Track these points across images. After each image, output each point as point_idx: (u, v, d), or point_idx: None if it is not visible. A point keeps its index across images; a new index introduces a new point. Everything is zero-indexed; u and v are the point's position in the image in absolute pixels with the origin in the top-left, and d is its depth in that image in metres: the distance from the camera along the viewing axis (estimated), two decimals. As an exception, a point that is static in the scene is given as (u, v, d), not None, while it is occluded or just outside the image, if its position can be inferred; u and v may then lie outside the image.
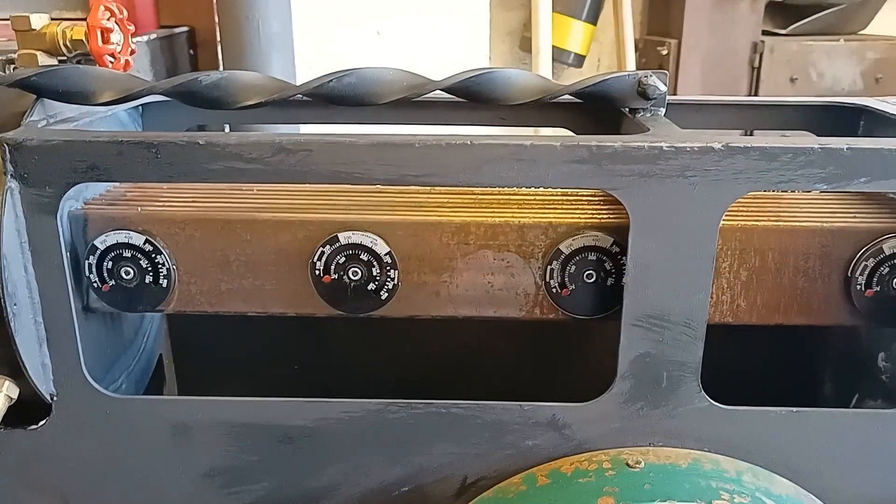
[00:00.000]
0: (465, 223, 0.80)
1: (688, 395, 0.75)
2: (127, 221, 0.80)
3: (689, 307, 0.73)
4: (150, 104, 0.99)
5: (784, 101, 1.03)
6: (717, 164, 0.69)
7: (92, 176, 0.70)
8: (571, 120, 0.98)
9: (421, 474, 0.80)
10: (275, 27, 1.74)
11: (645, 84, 0.81)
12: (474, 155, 0.69)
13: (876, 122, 0.95)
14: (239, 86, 0.77)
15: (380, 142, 0.69)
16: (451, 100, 0.85)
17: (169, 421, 0.78)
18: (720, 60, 2.83)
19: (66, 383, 0.76)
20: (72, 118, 0.82)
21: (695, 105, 1.01)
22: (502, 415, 0.77)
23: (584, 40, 3.21)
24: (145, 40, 1.78)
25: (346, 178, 0.70)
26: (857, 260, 0.79)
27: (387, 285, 0.80)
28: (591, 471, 0.74)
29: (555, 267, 0.80)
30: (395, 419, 0.77)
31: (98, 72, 0.76)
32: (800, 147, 0.69)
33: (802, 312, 0.82)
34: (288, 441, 0.78)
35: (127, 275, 0.80)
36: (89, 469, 0.80)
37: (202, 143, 0.69)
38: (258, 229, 0.80)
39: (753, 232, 0.80)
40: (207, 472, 0.80)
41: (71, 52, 0.85)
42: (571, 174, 0.70)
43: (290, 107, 0.99)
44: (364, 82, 0.78)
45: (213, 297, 0.82)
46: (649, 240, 0.71)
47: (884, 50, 2.91)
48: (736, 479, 0.73)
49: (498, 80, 0.80)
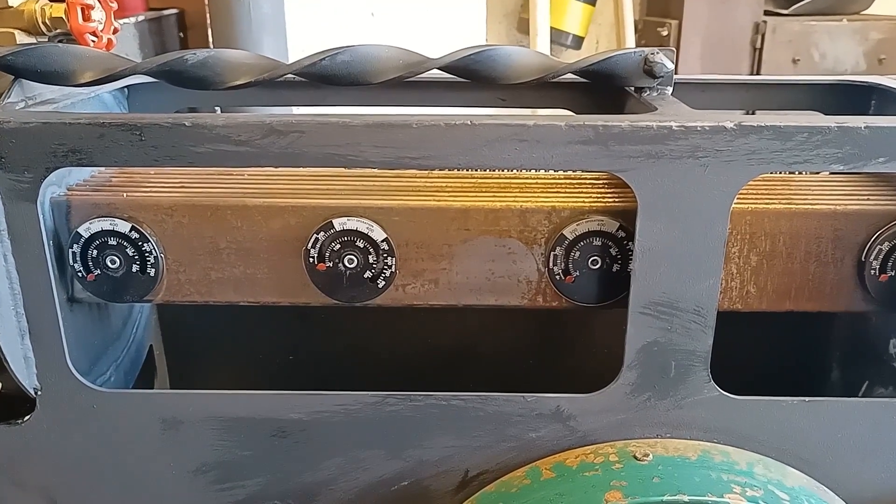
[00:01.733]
0: (464, 208, 0.77)
1: (697, 385, 0.73)
2: (112, 208, 0.77)
3: (699, 294, 0.70)
4: (136, 86, 0.95)
5: (792, 79, 1.00)
6: (730, 145, 0.66)
7: (72, 160, 0.66)
8: (573, 100, 0.94)
9: (421, 468, 0.77)
10: (266, 9, 1.70)
11: (652, 62, 0.78)
12: (475, 136, 0.66)
13: (888, 101, 0.92)
14: (227, 65, 0.73)
15: (376, 122, 0.66)
16: (448, 80, 0.82)
17: (158, 415, 0.75)
18: (721, 41, 2.78)
19: (50, 377, 0.73)
20: (52, 100, 0.78)
21: (700, 84, 0.98)
22: (505, 406, 0.75)
23: (582, 21, 3.17)
24: (133, 22, 1.74)
25: (340, 161, 0.67)
26: (871, 244, 0.76)
27: (384, 273, 0.77)
28: (597, 464, 0.72)
29: (558, 253, 0.77)
30: (394, 412, 0.75)
31: (78, 51, 0.72)
32: (816, 126, 0.66)
33: (814, 298, 0.79)
34: (282, 435, 0.76)
35: (113, 264, 0.77)
36: (76, 465, 0.77)
37: (188, 125, 0.66)
38: (249, 215, 0.77)
39: (764, 215, 0.77)
40: (199, 468, 0.77)
41: (51, 30, 0.81)
42: (576, 155, 0.67)
43: (282, 88, 0.96)
44: (358, 60, 0.74)
45: (202, 287, 0.79)
46: (657, 224, 0.68)
47: (887, 30, 2.87)
48: (747, 472, 0.71)
49: (498, 57, 0.77)
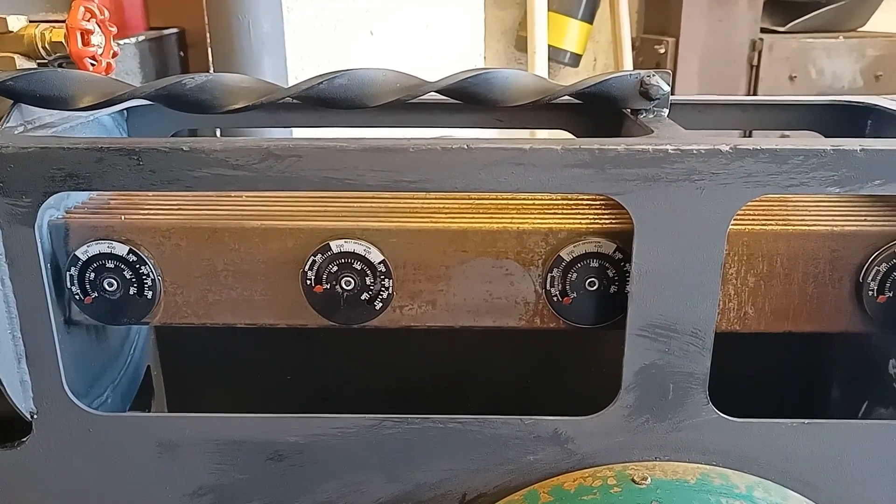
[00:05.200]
0: (461, 230, 0.77)
1: (695, 408, 0.73)
2: (110, 231, 0.77)
3: (696, 316, 0.70)
4: (135, 108, 0.96)
5: (789, 100, 1.00)
6: (725, 168, 0.66)
7: (70, 185, 0.67)
8: (571, 122, 0.95)
9: (418, 491, 0.77)
10: (266, 28, 1.71)
11: (647, 84, 0.78)
12: (471, 159, 0.66)
13: (884, 122, 0.92)
14: (225, 89, 0.73)
15: (372, 146, 0.66)
16: (446, 102, 0.82)
17: (154, 438, 0.75)
18: (718, 59, 2.80)
19: (46, 401, 0.73)
20: (51, 124, 0.79)
21: (697, 105, 0.98)
22: (502, 429, 0.74)
23: (580, 39, 3.19)
24: (133, 42, 1.74)
25: (337, 185, 0.67)
26: (868, 265, 0.76)
27: (381, 295, 0.77)
28: (595, 487, 0.72)
29: (555, 274, 0.77)
30: (391, 435, 0.74)
31: (77, 75, 0.73)
32: (811, 149, 0.66)
33: (812, 319, 0.79)
34: (279, 458, 0.75)
35: (110, 286, 0.77)
36: (72, 488, 0.76)
37: (186, 150, 0.66)
38: (247, 238, 0.77)
39: (761, 236, 0.77)
40: (195, 491, 0.77)
41: (50, 54, 0.82)
42: (573, 179, 0.67)
43: (282, 110, 0.96)
44: (356, 84, 0.75)
45: (200, 309, 0.79)
46: (654, 246, 0.68)
47: (883, 47, 2.89)
48: (747, 495, 0.70)
49: (495, 80, 0.78)
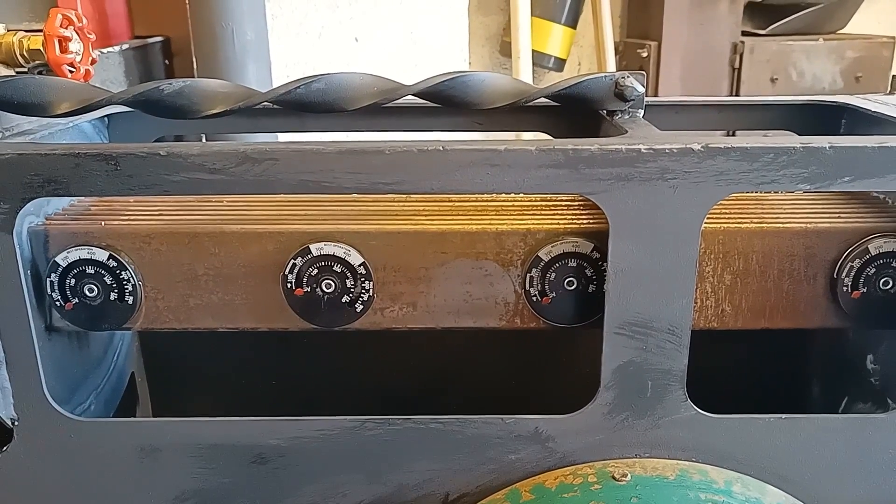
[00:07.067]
0: (441, 231, 0.78)
1: (673, 404, 0.73)
2: (90, 237, 0.77)
3: (673, 313, 0.71)
4: (116, 115, 0.96)
5: (765, 100, 1.01)
6: (698, 166, 0.67)
7: (48, 191, 0.67)
8: (549, 123, 0.96)
9: (401, 492, 0.77)
10: (249, 35, 1.71)
11: (622, 85, 0.79)
12: (447, 161, 0.67)
13: (858, 120, 0.94)
14: (203, 94, 0.74)
15: (348, 149, 0.67)
16: (426, 105, 0.83)
17: (136, 443, 0.75)
18: (700, 61, 2.83)
19: (27, 407, 0.73)
20: (30, 130, 0.79)
21: (675, 106, 0.99)
22: (484, 429, 0.75)
23: (563, 44, 3.20)
24: (118, 50, 1.75)
25: (314, 188, 0.68)
26: (842, 261, 0.77)
27: (361, 297, 0.78)
28: (576, 485, 0.72)
29: (534, 275, 0.78)
30: (373, 436, 0.75)
31: (55, 82, 0.73)
32: (781, 147, 0.67)
33: (788, 316, 0.80)
34: (261, 462, 0.75)
35: (91, 292, 0.77)
36: (54, 495, 0.76)
37: (164, 154, 0.66)
38: (227, 242, 0.77)
39: (737, 234, 0.78)
40: (178, 496, 0.77)
41: (29, 62, 0.82)
42: (548, 179, 0.67)
43: (265, 115, 0.96)
44: (333, 88, 0.75)
45: (181, 314, 0.79)
46: (629, 245, 0.69)
47: (863, 48, 2.92)
48: (725, 490, 0.71)
49: (472, 83, 0.78)
